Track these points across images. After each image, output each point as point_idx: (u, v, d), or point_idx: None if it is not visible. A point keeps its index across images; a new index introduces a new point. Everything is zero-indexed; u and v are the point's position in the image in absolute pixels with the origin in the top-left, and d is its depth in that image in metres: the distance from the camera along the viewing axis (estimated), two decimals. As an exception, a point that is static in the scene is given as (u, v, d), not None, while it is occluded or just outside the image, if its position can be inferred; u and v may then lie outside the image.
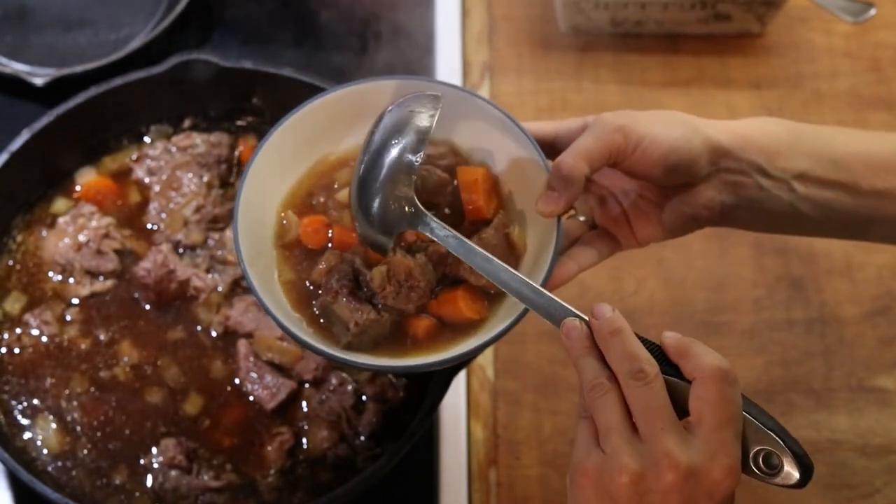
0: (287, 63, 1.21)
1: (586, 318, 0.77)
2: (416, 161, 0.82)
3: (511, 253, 0.86)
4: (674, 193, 0.86)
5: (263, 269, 0.86)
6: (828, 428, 1.19)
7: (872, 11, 1.33)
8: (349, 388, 1.06)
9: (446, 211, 0.88)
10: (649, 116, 0.84)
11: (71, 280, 1.12)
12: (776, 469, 0.73)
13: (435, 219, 0.82)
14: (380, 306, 0.83)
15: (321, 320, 0.85)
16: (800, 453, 0.73)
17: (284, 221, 0.88)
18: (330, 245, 0.88)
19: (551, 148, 0.86)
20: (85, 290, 1.11)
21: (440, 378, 1.02)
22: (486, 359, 1.21)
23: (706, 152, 0.83)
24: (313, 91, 1.14)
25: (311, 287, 0.86)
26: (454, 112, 0.88)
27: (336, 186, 0.90)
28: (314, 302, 0.86)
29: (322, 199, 0.90)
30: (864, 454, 1.18)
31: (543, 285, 0.80)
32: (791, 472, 0.73)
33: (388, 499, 1.12)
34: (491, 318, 0.85)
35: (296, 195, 0.90)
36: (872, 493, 1.16)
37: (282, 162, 0.88)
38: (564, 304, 0.78)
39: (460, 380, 1.18)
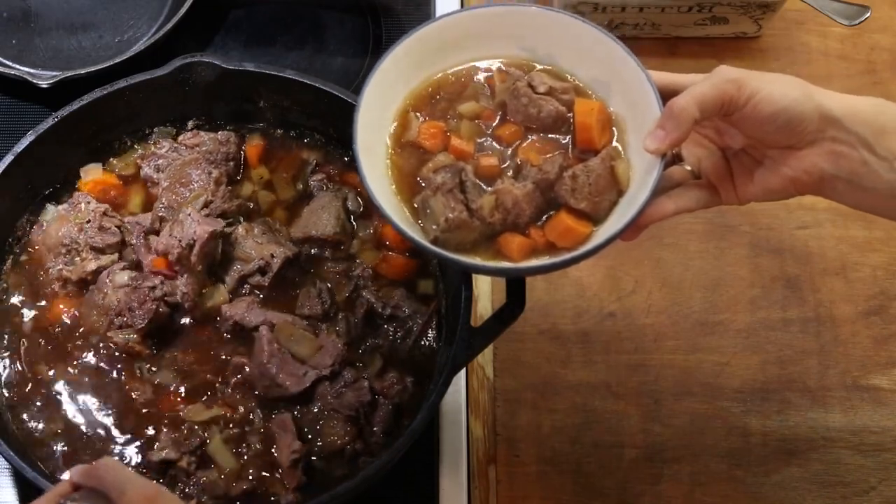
0: (289, 65, 1.22)
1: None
2: None
3: (614, 185, 0.91)
4: (779, 155, 0.89)
5: (376, 159, 0.93)
6: (823, 426, 1.20)
7: (867, 14, 1.34)
8: (364, 384, 1.05)
9: (561, 139, 0.94)
10: (766, 76, 0.87)
11: (77, 260, 1.12)
12: None
13: None
14: (475, 214, 0.89)
15: (419, 213, 0.92)
16: None
17: (406, 121, 0.95)
18: (445, 150, 0.94)
19: (671, 96, 0.88)
20: (92, 266, 1.11)
21: (440, 377, 1.03)
22: (485, 358, 1.21)
23: (816, 118, 0.86)
24: (314, 93, 1.16)
25: (419, 183, 0.93)
26: (582, 47, 0.95)
27: (458, 98, 0.96)
28: (417, 196, 0.92)
29: (443, 107, 0.96)
30: (859, 452, 1.19)
31: (637, 217, 0.86)
32: None
33: (389, 496, 1.13)
34: (592, 235, 0.91)
35: (420, 99, 0.97)
36: (867, 490, 1.17)
37: (408, 67, 0.96)
38: None
39: (460, 379, 1.18)
